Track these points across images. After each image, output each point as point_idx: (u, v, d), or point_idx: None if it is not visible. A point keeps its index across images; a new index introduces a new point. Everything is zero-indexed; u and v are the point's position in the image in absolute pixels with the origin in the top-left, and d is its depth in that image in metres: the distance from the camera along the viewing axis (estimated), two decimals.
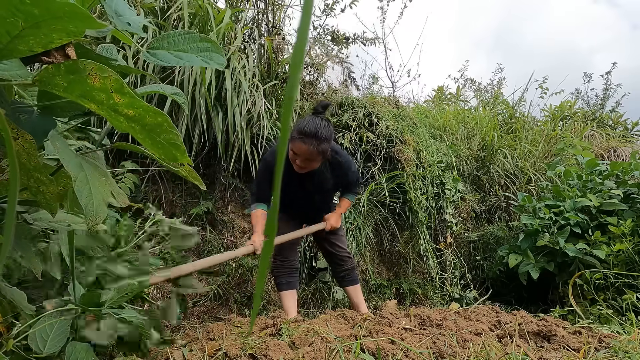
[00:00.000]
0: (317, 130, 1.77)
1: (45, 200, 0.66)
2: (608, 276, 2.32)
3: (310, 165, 1.87)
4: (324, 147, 1.81)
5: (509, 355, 1.35)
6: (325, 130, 1.80)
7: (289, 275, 2.17)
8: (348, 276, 2.25)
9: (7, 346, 0.81)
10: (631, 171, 2.77)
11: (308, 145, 1.78)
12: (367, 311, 2.16)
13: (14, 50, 0.51)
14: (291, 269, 2.18)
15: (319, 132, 1.77)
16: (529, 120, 4.72)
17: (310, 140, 1.77)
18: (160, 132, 0.59)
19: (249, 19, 3.23)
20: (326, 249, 2.25)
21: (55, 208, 0.68)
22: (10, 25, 0.45)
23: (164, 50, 0.74)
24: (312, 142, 1.77)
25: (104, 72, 0.52)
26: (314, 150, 1.79)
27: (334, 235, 2.23)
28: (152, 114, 0.57)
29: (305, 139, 1.77)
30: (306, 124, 1.80)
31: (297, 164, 1.87)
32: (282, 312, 2.03)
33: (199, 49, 0.75)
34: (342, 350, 1.29)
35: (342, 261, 2.22)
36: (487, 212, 3.69)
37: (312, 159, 1.83)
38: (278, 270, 2.17)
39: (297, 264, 2.23)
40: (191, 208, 2.73)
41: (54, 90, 0.54)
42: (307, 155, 1.81)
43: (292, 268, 2.18)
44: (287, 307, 2.11)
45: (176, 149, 0.61)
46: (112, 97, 0.54)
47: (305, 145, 1.78)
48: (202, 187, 0.93)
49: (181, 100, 0.86)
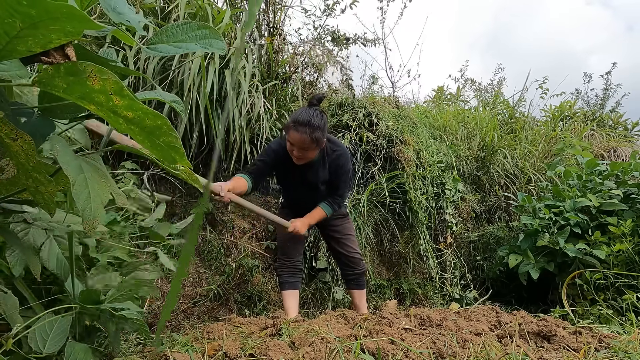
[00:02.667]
0: (310, 119, 1.84)
1: (44, 200, 0.66)
2: (608, 276, 2.32)
3: (307, 155, 1.92)
4: (317, 135, 1.86)
5: (509, 355, 1.34)
6: (318, 119, 1.86)
7: (291, 275, 2.16)
8: (357, 280, 2.25)
9: (6, 346, 0.81)
10: (631, 171, 2.76)
11: (301, 134, 1.84)
12: (367, 312, 2.16)
13: (13, 51, 0.51)
14: (294, 269, 2.18)
15: (312, 120, 1.84)
16: (529, 120, 4.72)
17: (303, 129, 1.83)
18: (159, 135, 0.59)
19: None
20: (334, 248, 2.25)
21: (54, 208, 0.68)
22: (8, 26, 0.45)
23: (163, 44, 0.74)
24: (305, 130, 1.83)
25: (103, 74, 0.52)
26: (307, 138, 1.85)
27: (342, 235, 2.22)
28: (151, 116, 0.57)
29: (298, 127, 1.84)
30: (300, 114, 1.87)
31: (295, 155, 1.92)
32: (282, 312, 2.03)
33: (198, 37, 0.75)
34: (342, 351, 1.29)
35: (352, 263, 2.21)
36: (487, 212, 3.68)
37: (307, 147, 1.88)
38: (282, 270, 2.17)
39: (300, 264, 2.24)
40: (191, 208, 2.73)
41: (54, 92, 0.54)
42: (302, 144, 1.87)
43: (295, 268, 2.18)
44: (287, 307, 2.11)
45: (175, 152, 0.61)
46: (112, 99, 0.54)
47: (299, 134, 1.84)
48: (201, 189, 0.93)
49: (179, 108, 0.86)
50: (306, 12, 3.47)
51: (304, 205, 2.15)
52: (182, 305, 2.40)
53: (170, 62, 2.61)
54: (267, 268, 2.80)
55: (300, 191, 2.13)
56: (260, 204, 2.88)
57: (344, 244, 2.21)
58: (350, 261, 2.21)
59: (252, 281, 2.65)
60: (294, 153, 1.92)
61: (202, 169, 2.81)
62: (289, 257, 2.18)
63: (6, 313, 0.84)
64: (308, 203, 2.15)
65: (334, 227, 2.23)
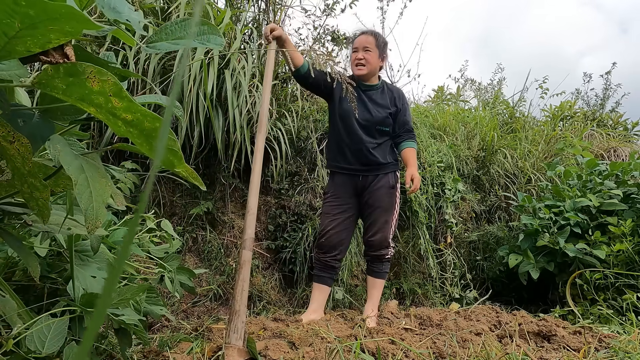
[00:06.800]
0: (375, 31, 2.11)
1: (38, 206, 0.66)
2: (608, 276, 2.32)
3: (370, 58, 2.03)
4: (381, 40, 2.06)
5: (509, 355, 1.34)
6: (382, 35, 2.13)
7: (321, 270, 2.08)
8: (372, 263, 2.12)
9: (6, 346, 0.81)
10: (631, 171, 2.76)
11: (367, 35, 2.05)
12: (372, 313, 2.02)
13: (11, 51, 0.51)
14: (325, 264, 2.07)
15: (377, 32, 2.10)
16: (529, 120, 4.71)
17: (368, 32, 2.06)
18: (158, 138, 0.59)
19: (249, 19, 3.23)
20: (365, 220, 2.13)
21: (47, 215, 0.68)
22: (7, 27, 0.45)
23: (162, 41, 0.74)
24: (370, 33, 2.05)
25: (102, 75, 0.52)
26: (372, 39, 2.04)
27: (379, 210, 2.06)
28: (150, 119, 0.57)
29: (364, 32, 2.07)
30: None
31: (357, 59, 2.05)
32: (281, 313, 2.02)
33: (196, 34, 0.75)
34: (342, 350, 1.29)
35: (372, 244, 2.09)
36: (487, 212, 3.68)
37: (371, 48, 2.03)
38: (316, 261, 2.11)
39: (334, 263, 2.08)
40: (191, 208, 2.72)
41: (53, 93, 0.54)
42: (366, 44, 2.04)
43: (326, 264, 2.07)
44: (312, 297, 2.06)
45: (173, 155, 0.61)
46: (111, 101, 0.53)
47: (364, 35, 2.05)
48: (203, 187, 0.92)
49: (178, 113, 0.86)
50: (306, 12, 3.47)
51: (353, 154, 2.06)
52: (182, 305, 2.40)
53: (170, 63, 2.61)
54: (267, 268, 2.80)
55: (354, 136, 2.05)
56: (260, 204, 2.88)
57: (374, 219, 2.08)
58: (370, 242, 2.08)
59: (252, 281, 2.64)
60: (357, 57, 2.05)
61: (202, 169, 2.81)
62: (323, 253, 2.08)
63: (5, 315, 0.84)
64: (358, 150, 2.05)
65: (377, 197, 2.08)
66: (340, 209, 2.08)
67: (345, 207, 2.09)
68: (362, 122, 2.06)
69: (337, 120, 2.11)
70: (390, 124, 2.10)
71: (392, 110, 2.10)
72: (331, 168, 2.18)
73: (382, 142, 2.10)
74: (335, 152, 2.13)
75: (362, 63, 2.03)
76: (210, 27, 0.74)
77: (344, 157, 2.10)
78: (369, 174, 2.08)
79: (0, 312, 0.86)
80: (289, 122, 2.91)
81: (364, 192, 2.09)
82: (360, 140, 2.05)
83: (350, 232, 2.13)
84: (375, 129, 2.07)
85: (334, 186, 2.14)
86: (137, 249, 1.38)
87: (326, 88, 2.10)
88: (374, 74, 2.12)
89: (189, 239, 2.69)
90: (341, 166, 2.11)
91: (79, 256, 1.08)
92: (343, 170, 2.11)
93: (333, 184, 2.15)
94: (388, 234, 2.07)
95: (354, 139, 2.06)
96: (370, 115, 2.06)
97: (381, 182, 2.07)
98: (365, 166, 2.07)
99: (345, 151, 2.08)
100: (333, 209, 2.09)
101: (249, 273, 1.37)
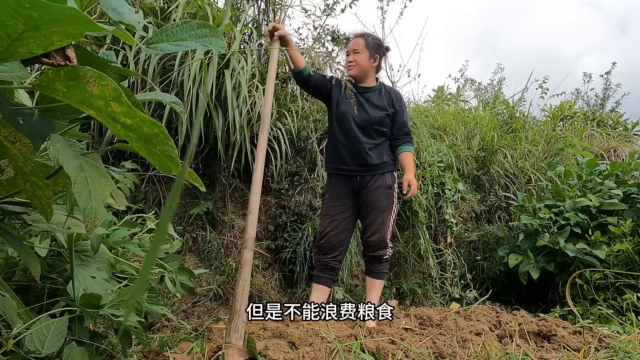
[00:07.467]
0: (367, 32, 2.17)
1: (41, 204, 0.66)
2: (608, 276, 2.32)
3: (359, 59, 2.09)
4: (371, 40, 2.11)
5: (509, 355, 1.35)
6: (374, 35, 2.18)
7: (321, 271, 2.08)
8: (369, 264, 2.11)
9: (6, 346, 0.81)
10: (631, 171, 2.76)
11: (357, 38, 2.12)
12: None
13: (14, 53, 0.51)
14: (325, 265, 2.07)
15: (368, 33, 2.17)
16: (529, 120, 4.71)
17: (358, 34, 2.16)
18: (156, 143, 0.59)
19: (249, 19, 3.23)
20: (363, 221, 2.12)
21: (50, 213, 0.68)
22: (10, 29, 0.45)
23: (163, 42, 0.74)
24: (360, 35, 2.14)
25: (102, 79, 0.52)
26: (361, 40, 2.10)
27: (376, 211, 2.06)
28: (149, 124, 0.57)
29: (356, 35, 2.17)
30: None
31: (348, 61, 2.12)
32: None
33: (198, 36, 0.75)
34: (342, 350, 1.29)
35: (369, 245, 2.08)
36: (487, 212, 3.68)
37: (360, 50, 2.09)
38: (316, 262, 2.12)
39: (334, 264, 2.07)
40: (191, 208, 2.73)
41: (54, 95, 0.54)
42: (355, 46, 2.10)
43: (327, 265, 2.07)
44: (311, 297, 2.06)
45: (171, 161, 0.61)
46: (110, 105, 0.54)
47: (355, 39, 2.13)
48: (202, 188, 0.93)
49: (179, 109, 0.86)
50: (306, 11, 3.47)
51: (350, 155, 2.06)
52: (182, 305, 2.40)
53: (170, 63, 2.61)
54: (267, 268, 2.80)
55: (351, 137, 2.05)
56: (261, 204, 2.88)
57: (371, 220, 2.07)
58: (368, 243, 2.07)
59: (253, 281, 2.65)
60: (348, 60, 2.12)
61: (203, 169, 2.81)
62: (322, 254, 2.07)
63: (5, 315, 0.84)
64: (355, 151, 2.05)
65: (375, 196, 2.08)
66: (338, 209, 2.09)
67: (343, 208, 2.10)
68: (359, 122, 2.07)
69: (334, 123, 2.13)
70: (388, 124, 2.11)
71: (390, 112, 2.11)
72: (329, 170, 2.19)
73: (380, 143, 2.10)
74: (333, 154, 2.14)
75: (352, 65, 2.10)
76: (211, 29, 0.74)
77: (341, 158, 2.10)
78: (365, 174, 2.08)
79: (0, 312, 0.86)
80: (289, 122, 2.91)
81: (361, 192, 2.09)
82: (358, 141, 2.06)
83: (350, 232, 2.13)
84: (373, 129, 2.08)
85: (331, 187, 2.15)
86: (137, 249, 1.38)
87: (326, 92, 2.14)
88: (366, 74, 2.14)
89: (189, 239, 2.69)
90: (338, 167, 2.12)
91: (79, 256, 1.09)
92: (340, 171, 2.11)
93: (331, 185, 2.16)
94: (386, 234, 2.07)
95: (351, 140, 2.07)
96: (367, 115, 2.07)
97: (378, 182, 2.08)
98: (362, 167, 2.08)
99: (342, 152, 2.09)
100: (331, 209, 2.10)
101: (249, 273, 1.37)
